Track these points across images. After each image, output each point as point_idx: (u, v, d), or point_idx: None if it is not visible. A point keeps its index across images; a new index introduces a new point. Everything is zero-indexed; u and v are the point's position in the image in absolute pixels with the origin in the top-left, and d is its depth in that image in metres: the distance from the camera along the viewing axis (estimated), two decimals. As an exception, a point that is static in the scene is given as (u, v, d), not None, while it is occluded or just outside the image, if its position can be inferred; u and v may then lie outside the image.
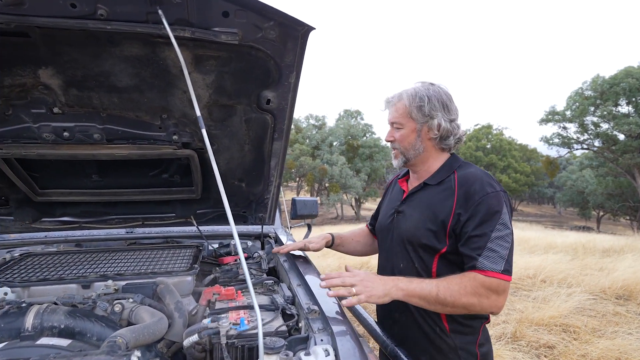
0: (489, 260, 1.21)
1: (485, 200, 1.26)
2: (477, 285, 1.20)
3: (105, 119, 1.44)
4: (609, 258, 7.98)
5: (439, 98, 1.39)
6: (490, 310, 1.23)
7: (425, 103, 1.37)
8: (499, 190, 1.29)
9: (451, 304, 1.20)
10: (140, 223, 2.00)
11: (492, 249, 1.22)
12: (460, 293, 1.19)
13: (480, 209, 1.25)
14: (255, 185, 1.86)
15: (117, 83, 1.29)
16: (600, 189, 27.79)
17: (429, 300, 1.21)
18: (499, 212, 1.25)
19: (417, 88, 1.42)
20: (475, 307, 1.21)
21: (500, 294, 1.22)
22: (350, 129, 34.36)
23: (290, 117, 1.50)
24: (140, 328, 1.07)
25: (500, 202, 1.27)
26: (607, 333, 3.91)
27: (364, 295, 1.16)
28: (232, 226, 0.97)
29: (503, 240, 1.23)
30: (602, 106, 24.02)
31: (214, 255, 2.01)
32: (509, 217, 1.27)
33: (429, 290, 1.20)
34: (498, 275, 1.20)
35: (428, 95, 1.38)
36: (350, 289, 1.16)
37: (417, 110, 1.38)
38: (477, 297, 1.19)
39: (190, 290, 1.45)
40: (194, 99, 1.04)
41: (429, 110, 1.38)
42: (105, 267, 1.54)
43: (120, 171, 1.80)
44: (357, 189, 30.49)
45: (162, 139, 1.54)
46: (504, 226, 1.24)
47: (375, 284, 1.19)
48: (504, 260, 1.21)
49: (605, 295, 5.37)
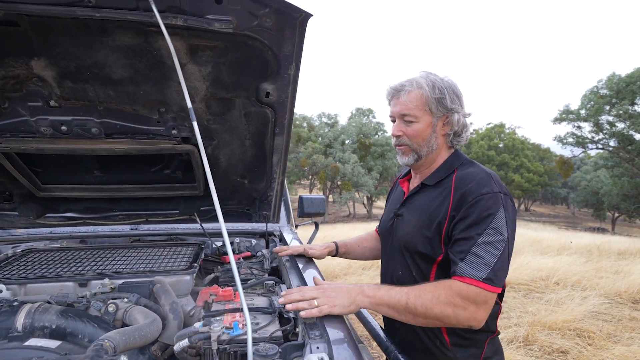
0: (471, 266, 1.08)
1: (478, 202, 1.13)
2: (453, 294, 1.06)
3: (102, 113, 1.40)
4: (625, 261, 7.76)
5: (455, 90, 1.29)
6: (467, 324, 1.09)
7: (446, 95, 1.25)
8: (497, 192, 1.15)
9: (422, 315, 1.07)
10: (144, 220, 1.97)
11: (477, 254, 1.09)
12: (432, 302, 1.06)
13: (472, 211, 1.13)
14: (257, 182, 1.81)
15: (112, 75, 1.24)
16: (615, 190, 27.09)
17: (398, 309, 1.09)
18: (491, 215, 1.11)
19: (432, 78, 1.28)
20: (450, 319, 1.07)
21: (480, 305, 1.07)
22: (363, 127, 34.18)
23: (291, 111, 1.45)
24: (131, 330, 1.02)
25: (495, 205, 1.13)
26: (624, 339, 3.77)
27: (327, 307, 1.05)
28: (221, 223, 0.92)
29: (492, 246, 1.09)
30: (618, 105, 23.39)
31: (217, 253, 1.97)
32: (507, 223, 1.12)
33: (398, 299, 1.08)
34: (478, 283, 1.06)
35: (446, 87, 1.26)
36: (312, 301, 1.06)
37: (437, 103, 1.25)
38: (452, 307, 1.06)
39: (188, 290, 1.40)
40: (184, 88, 0.99)
41: (451, 103, 1.26)
42: (104, 264, 1.51)
43: (122, 167, 1.77)
44: (369, 187, 30.33)
45: (161, 134, 1.50)
46: (495, 231, 1.10)
47: (339, 294, 1.09)
48: (488, 268, 1.07)
49: (621, 300, 5.21)
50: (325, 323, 1.01)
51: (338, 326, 1.01)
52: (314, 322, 1.05)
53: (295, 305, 1.06)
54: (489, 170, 1.25)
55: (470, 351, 1.26)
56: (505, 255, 1.10)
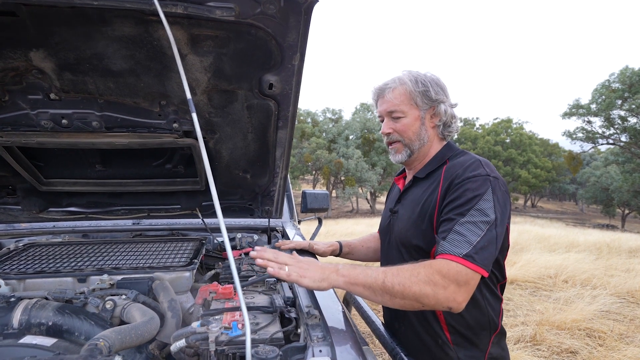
0: (451, 244, 1.05)
1: (464, 184, 1.12)
2: (433, 272, 1.01)
3: (103, 106, 1.37)
4: (637, 259, 7.64)
5: (438, 83, 1.29)
6: (447, 305, 1.02)
7: (429, 87, 1.26)
8: (485, 175, 1.12)
9: (400, 294, 1.01)
10: (146, 214, 1.95)
11: (459, 232, 1.05)
12: (411, 281, 1.00)
13: (458, 194, 1.11)
14: (260, 176, 1.78)
15: (112, 66, 1.21)
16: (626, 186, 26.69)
17: (374, 288, 1.03)
18: (478, 197, 1.09)
19: (414, 73, 1.31)
20: (429, 298, 1.01)
21: (461, 285, 1.01)
22: (367, 122, 34.02)
23: (295, 104, 1.40)
24: (127, 329, 0.99)
25: (482, 187, 1.10)
26: (637, 340, 3.70)
27: (295, 275, 1.02)
28: (219, 218, 0.88)
29: (475, 225, 1.05)
30: (631, 99, 22.99)
31: (218, 249, 1.95)
32: (495, 206, 1.08)
33: (375, 277, 1.03)
34: (457, 259, 1.01)
35: (428, 80, 1.28)
36: (283, 266, 1.04)
37: (422, 96, 1.27)
38: (432, 286, 1.00)
39: (188, 287, 1.38)
40: (183, 79, 0.95)
41: (435, 94, 1.27)
42: (105, 260, 1.48)
43: (123, 161, 1.75)
44: (372, 182, 30.25)
45: (162, 127, 1.46)
46: (480, 212, 1.07)
47: (311, 267, 1.06)
48: (470, 245, 1.03)
49: (633, 299, 5.12)
50: (329, 323, 0.98)
51: (342, 327, 0.97)
52: (317, 323, 1.01)
53: (266, 262, 1.05)
54: (481, 158, 1.23)
55: (472, 351, 1.22)
56: (491, 237, 1.06)
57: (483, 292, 1.22)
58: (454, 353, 1.22)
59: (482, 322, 1.22)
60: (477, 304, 1.20)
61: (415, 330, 1.28)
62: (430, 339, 1.25)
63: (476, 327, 1.22)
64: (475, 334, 1.22)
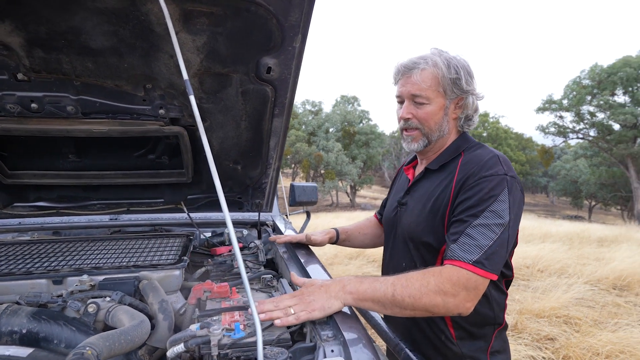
0: (462, 248, 1.00)
1: (480, 183, 1.06)
2: (443, 281, 0.97)
3: (79, 89, 1.24)
4: (605, 248, 7.97)
5: (469, 71, 1.19)
6: (457, 312, 1.00)
7: (461, 75, 1.15)
8: (502, 174, 1.06)
9: (410, 306, 0.97)
10: (125, 209, 1.82)
11: (470, 236, 1.01)
12: (421, 292, 0.96)
13: (473, 193, 1.06)
14: (252, 168, 1.68)
15: (91, 43, 1.08)
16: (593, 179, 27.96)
17: (384, 303, 0.98)
18: (493, 197, 1.03)
19: (445, 55, 1.18)
20: (439, 308, 0.98)
21: (470, 291, 0.98)
22: (347, 115, 34.03)
23: (293, 90, 1.32)
24: (116, 334, 0.90)
25: (499, 187, 1.04)
26: (609, 325, 3.84)
27: (305, 313, 0.93)
28: (225, 213, 0.80)
29: (488, 229, 1.00)
30: (599, 95, 23.97)
31: (205, 245, 1.84)
32: (510, 207, 1.03)
33: (384, 292, 0.97)
34: (467, 266, 0.97)
35: (461, 67, 1.16)
36: (287, 310, 0.94)
37: (452, 84, 1.15)
38: (442, 295, 0.96)
39: (178, 286, 1.28)
40: (179, 56, 0.85)
41: (466, 84, 1.16)
42: (82, 259, 1.36)
43: (101, 151, 1.61)
44: (352, 176, 30.36)
45: (146, 114, 1.35)
46: (494, 214, 1.02)
47: (317, 296, 0.96)
48: (481, 250, 0.98)
49: (604, 286, 5.33)
50: (339, 322, 0.91)
51: (352, 325, 0.91)
52: (325, 322, 0.94)
53: (269, 315, 0.93)
54: (498, 153, 1.16)
55: (476, 345, 1.20)
56: (504, 240, 1.01)
57: (489, 290, 1.18)
58: (458, 348, 1.19)
59: (488, 318, 1.20)
60: (483, 301, 1.16)
61: (419, 325, 1.25)
62: (434, 335, 1.22)
63: (481, 323, 1.20)
64: (479, 329, 1.20)
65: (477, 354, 1.19)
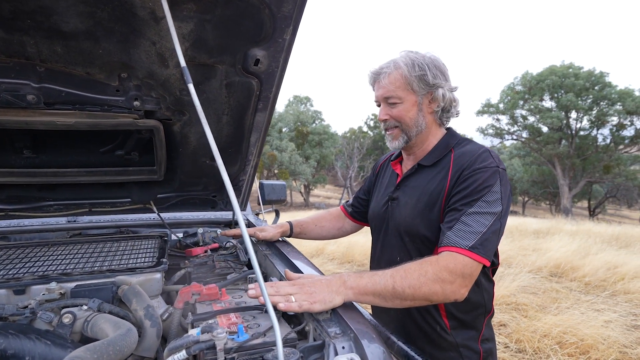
0: (457, 234, 1.04)
1: (473, 175, 1.12)
2: (440, 269, 1.00)
3: (43, 76, 1.11)
4: (541, 239, 8.72)
5: (437, 66, 1.25)
6: (454, 298, 1.03)
7: (427, 71, 1.21)
8: (495, 167, 1.14)
9: (411, 297, 0.99)
10: (86, 210, 1.66)
11: (465, 223, 1.06)
12: (420, 281, 0.99)
13: (467, 184, 1.11)
14: (231, 164, 1.61)
15: (63, 25, 0.97)
16: (526, 177, 30.49)
17: (384, 296, 1.00)
18: (487, 188, 1.09)
19: (411, 56, 1.25)
20: (438, 295, 1.01)
21: (466, 277, 1.02)
22: (300, 115, 34.06)
23: (279, 84, 1.29)
24: (103, 345, 0.81)
25: (492, 179, 1.11)
26: (552, 309, 4.20)
27: (307, 303, 0.92)
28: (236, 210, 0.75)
29: (482, 217, 1.06)
30: (530, 100, 26.16)
31: (177, 246, 1.74)
32: (502, 198, 1.09)
33: (384, 285, 0.99)
34: (463, 251, 1.01)
35: (426, 63, 1.23)
36: (289, 297, 0.93)
37: (418, 80, 1.21)
38: (440, 283, 1.00)
39: (159, 291, 1.19)
40: (176, 42, 0.79)
41: (433, 79, 1.22)
42: (45, 265, 1.22)
43: (62, 146, 1.46)
44: (306, 175, 30.44)
45: (119, 105, 1.24)
46: (487, 204, 1.07)
47: (318, 288, 0.96)
48: (476, 236, 1.03)
49: (543, 274, 5.82)
50: (345, 317, 0.90)
51: (360, 320, 0.90)
52: (329, 318, 0.93)
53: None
54: (487, 147, 1.23)
55: (469, 333, 1.25)
56: (496, 229, 1.08)
57: (480, 278, 1.23)
58: (452, 338, 1.23)
59: (479, 306, 1.25)
60: (475, 289, 1.21)
61: (413, 318, 1.27)
62: (429, 326, 1.25)
63: (473, 311, 1.25)
64: (472, 318, 1.25)
65: (470, 343, 1.24)
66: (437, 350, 1.25)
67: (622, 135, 25.09)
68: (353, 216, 1.66)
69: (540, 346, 3.43)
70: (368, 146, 36.62)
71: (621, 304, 4.45)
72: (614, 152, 25.55)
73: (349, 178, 34.00)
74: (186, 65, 1.14)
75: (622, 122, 24.43)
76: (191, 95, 0.79)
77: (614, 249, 7.18)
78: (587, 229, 10.82)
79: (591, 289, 5.27)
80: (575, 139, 26.08)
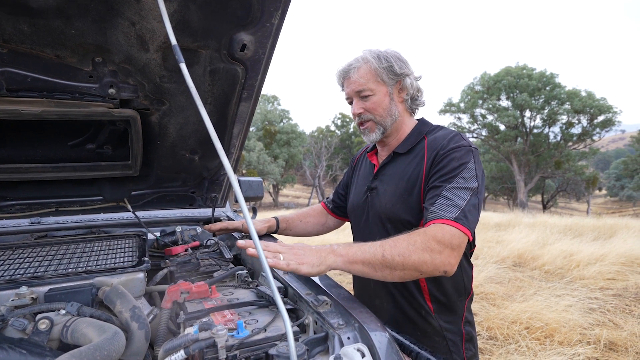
0: (440, 208, 1.08)
1: (449, 154, 1.18)
2: (428, 239, 1.02)
3: (5, 58, 1.00)
4: (503, 232, 9.14)
5: (400, 57, 1.31)
6: (443, 269, 1.05)
7: (393, 63, 1.28)
8: (467, 146, 1.20)
9: (400, 265, 1.00)
10: (52, 209, 1.53)
11: (446, 197, 1.10)
12: (409, 250, 1.00)
13: (445, 163, 1.17)
14: (211, 158, 1.54)
15: (30, 1, 0.88)
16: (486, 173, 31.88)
17: (374, 264, 1.00)
18: (463, 165, 1.15)
19: (375, 51, 1.31)
20: (427, 265, 1.02)
21: (454, 248, 1.04)
22: (268, 114, 33.72)
23: (264, 72, 1.24)
24: (90, 351, 0.74)
25: (467, 156, 1.17)
26: (517, 297, 4.40)
27: (295, 263, 0.92)
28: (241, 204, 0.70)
29: (460, 191, 1.11)
30: (488, 100, 27.39)
31: (155, 245, 1.65)
32: (477, 175, 1.15)
33: (373, 253, 1.00)
34: (449, 222, 1.05)
35: (390, 56, 1.29)
36: (277, 254, 0.93)
37: (387, 72, 1.27)
38: (429, 252, 1.01)
39: (142, 291, 1.11)
40: (166, 19, 0.73)
41: (399, 69, 1.28)
42: (12, 269, 1.11)
43: (27, 138, 1.33)
44: (275, 175, 30.19)
45: (92, 93, 1.15)
46: (464, 180, 1.13)
47: (306, 252, 0.97)
48: (458, 209, 1.07)
49: (506, 265, 6.09)
50: (347, 307, 0.88)
51: (362, 310, 0.88)
52: (330, 310, 0.90)
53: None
54: (456, 131, 1.30)
55: (452, 317, 1.29)
56: (475, 203, 1.12)
57: (461, 260, 1.27)
58: (436, 321, 1.27)
59: (459, 288, 1.30)
60: (457, 271, 1.24)
61: (399, 304, 1.29)
62: (414, 311, 1.28)
63: (454, 294, 1.29)
64: (453, 301, 1.29)
65: (452, 327, 1.28)
66: (423, 337, 1.29)
67: (570, 133, 26.89)
68: (334, 212, 1.68)
69: (509, 332, 3.59)
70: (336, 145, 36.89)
71: (579, 289, 4.74)
72: (564, 149, 27.32)
73: (317, 177, 34.07)
74: (166, 50, 1.09)
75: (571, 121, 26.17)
76: (184, 76, 0.74)
77: (568, 239, 7.64)
78: (543, 220, 11.47)
79: (551, 276, 5.59)
80: (530, 137, 27.63)
